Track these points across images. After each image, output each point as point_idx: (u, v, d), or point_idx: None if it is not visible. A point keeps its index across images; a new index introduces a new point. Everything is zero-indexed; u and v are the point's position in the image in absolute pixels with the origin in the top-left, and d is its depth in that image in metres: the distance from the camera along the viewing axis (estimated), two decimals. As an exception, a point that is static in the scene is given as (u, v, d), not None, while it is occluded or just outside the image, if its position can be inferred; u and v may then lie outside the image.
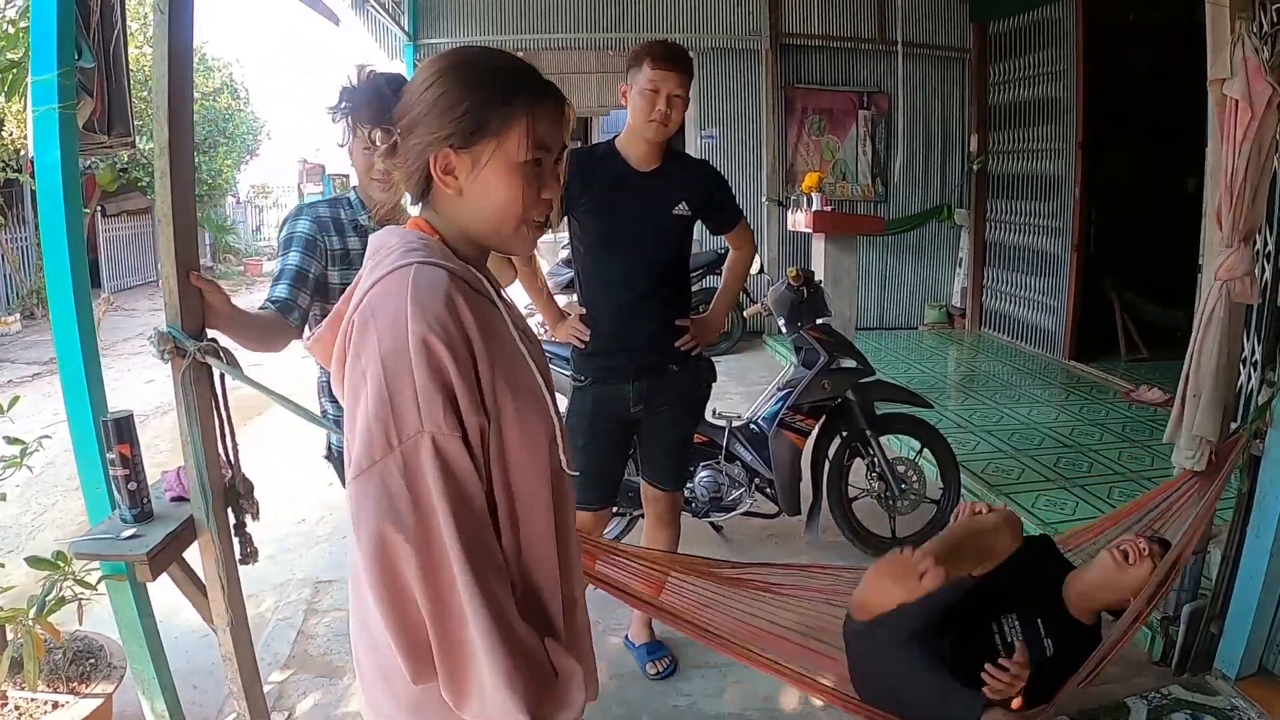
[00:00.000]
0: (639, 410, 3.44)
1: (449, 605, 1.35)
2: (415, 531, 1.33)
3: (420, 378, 1.33)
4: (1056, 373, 8.62)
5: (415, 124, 1.49)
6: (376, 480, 1.34)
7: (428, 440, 1.33)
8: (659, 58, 3.12)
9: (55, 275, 2.49)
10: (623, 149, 3.31)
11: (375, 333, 1.36)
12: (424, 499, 1.33)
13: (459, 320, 1.38)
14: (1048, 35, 9.13)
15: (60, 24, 2.46)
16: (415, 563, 1.33)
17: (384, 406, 1.34)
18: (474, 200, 1.51)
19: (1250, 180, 3.06)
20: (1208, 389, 3.24)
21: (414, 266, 1.41)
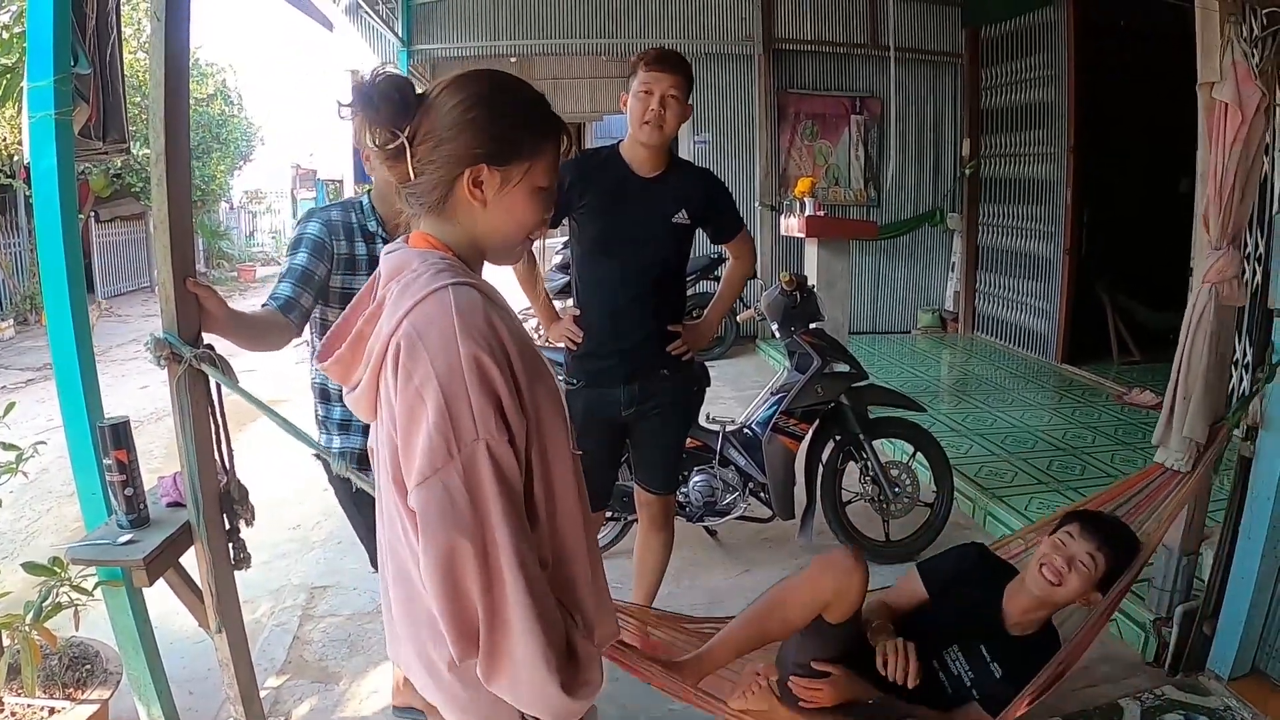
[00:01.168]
0: (630, 413, 3.45)
1: (498, 591, 1.48)
2: (474, 530, 1.46)
3: (474, 392, 1.45)
4: (1049, 376, 8.63)
5: (452, 135, 1.58)
6: (440, 486, 1.46)
7: (483, 447, 1.46)
8: (651, 60, 3.17)
9: (52, 282, 2.49)
10: (625, 154, 3.33)
11: (428, 354, 1.47)
12: (481, 499, 1.47)
13: (498, 335, 1.50)
14: (1039, 40, 9.16)
15: (56, 30, 2.47)
16: (474, 559, 1.46)
17: (444, 419, 1.45)
18: (495, 215, 1.64)
19: (1239, 183, 3.08)
20: (1198, 391, 3.26)
21: (450, 289, 1.51)
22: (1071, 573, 2.73)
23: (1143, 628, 3.78)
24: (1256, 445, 3.34)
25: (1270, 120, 3.09)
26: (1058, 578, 2.74)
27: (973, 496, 5.35)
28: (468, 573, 1.47)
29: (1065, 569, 2.74)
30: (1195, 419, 3.27)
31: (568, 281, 8.46)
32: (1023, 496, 5.27)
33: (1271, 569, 3.35)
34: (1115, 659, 3.78)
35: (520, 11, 10.25)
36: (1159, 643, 3.69)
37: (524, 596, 1.48)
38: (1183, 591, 3.65)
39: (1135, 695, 3.46)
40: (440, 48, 10.45)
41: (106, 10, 2.95)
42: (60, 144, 2.47)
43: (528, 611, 1.49)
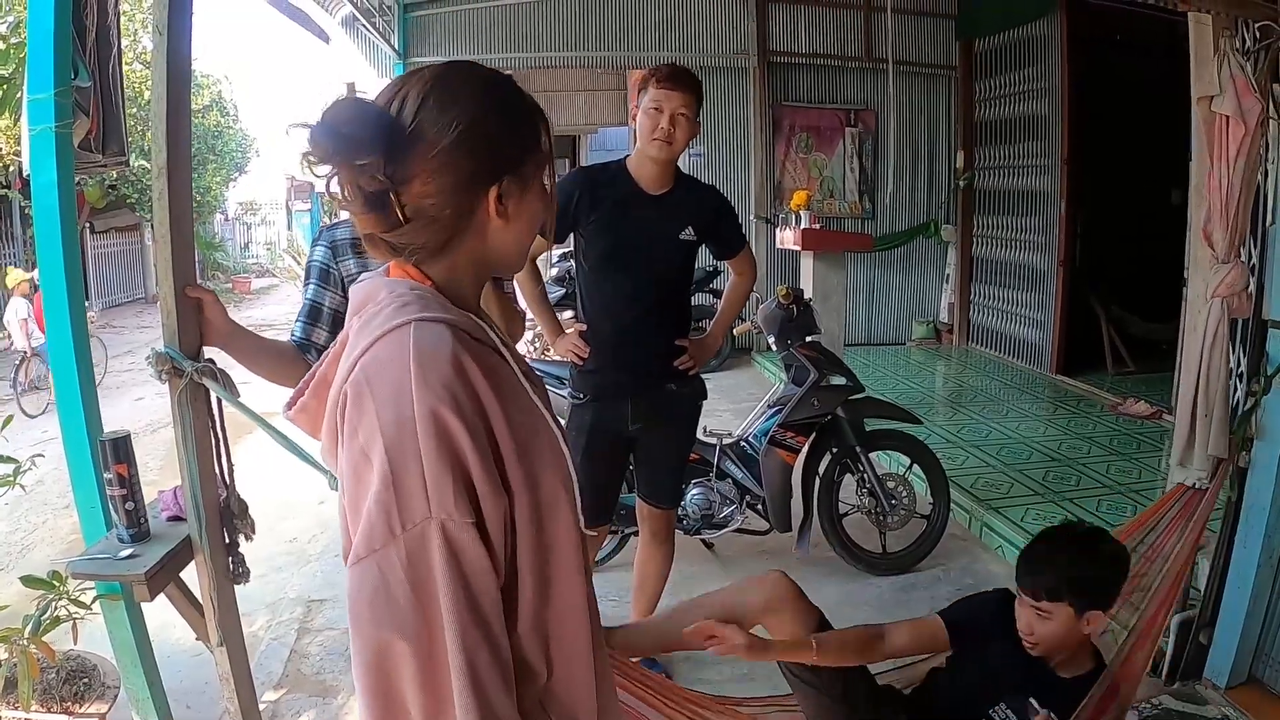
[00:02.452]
0: (637, 428, 3.45)
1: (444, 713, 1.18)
2: (415, 632, 1.17)
3: (429, 457, 1.16)
4: (1044, 387, 8.66)
5: (459, 159, 1.28)
6: (374, 571, 1.18)
7: (436, 528, 1.16)
8: (663, 78, 3.15)
9: (52, 295, 2.49)
10: (633, 170, 3.33)
11: (375, 406, 1.19)
12: (428, 594, 1.17)
13: (469, 384, 1.21)
14: (1032, 52, 9.20)
15: (57, 44, 2.47)
16: (414, 667, 1.18)
17: (387, 489, 1.17)
18: (516, 224, 1.37)
19: (1243, 195, 3.09)
20: (1218, 407, 3.26)
21: (412, 325, 1.22)
22: (1036, 632, 2.56)
23: (1140, 638, 3.79)
24: (1252, 456, 3.35)
25: (1264, 133, 3.10)
26: (1031, 637, 2.58)
27: (969, 508, 5.36)
28: (404, 681, 1.19)
29: (1029, 631, 2.58)
30: (1219, 435, 3.27)
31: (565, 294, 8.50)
32: (1019, 508, 5.28)
33: (1268, 578, 3.36)
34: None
35: (515, 24, 10.28)
36: (1156, 652, 3.68)
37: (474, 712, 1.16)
38: (1180, 601, 3.65)
39: (1132, 705, 3.46)
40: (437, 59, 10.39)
41: (107, 23, 2.95)
42: (60, 157, 2.47)
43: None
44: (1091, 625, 2.51)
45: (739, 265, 3.65)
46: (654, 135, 3.16)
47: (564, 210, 3.31)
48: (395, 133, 1.26)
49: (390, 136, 1.25)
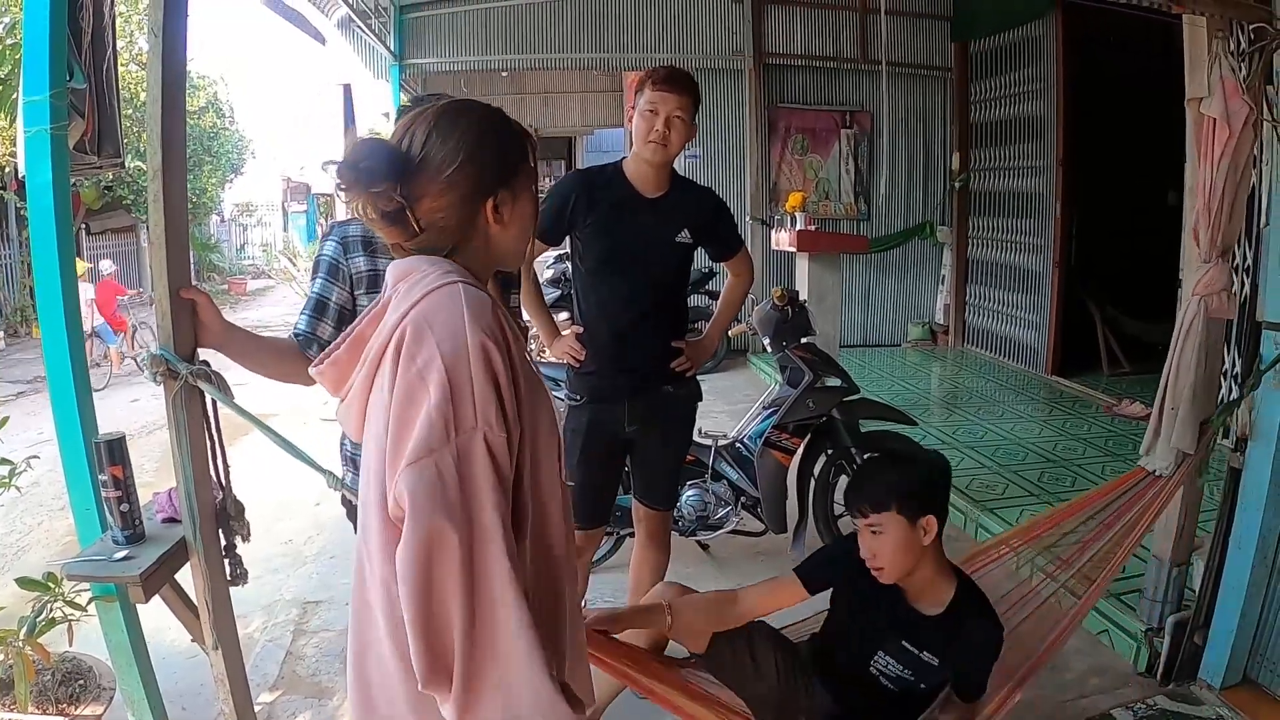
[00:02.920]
0: (633, 429, 3.45)
1: (484, 596, 1.43)
2: (462, 519, 1.42)
3: (478, 378, 1.45)
4: (1039, 388, 8.68)
5: (461, 176, 1.59)
6: (433, 469, 1.42)
7: (480, 436, 1.44)
8: (660, 80, 3.14)
9: (47, 297, 2.49)
10: (629, 172, 3.33)
11: (434, 338, 1.46)
12: (473, 490, 1.43)
13: (504, 333, 1.51)
14: (1028, 54, 9.22)
15: (53, 45, 2.47)
16: (459, 553, 1.41)
17: (446, 402, 1.43)
18: (514, 228, 1.69)
19: (1227, 196, 3.10)
20: (1185, 402, 3.28)
21: (460, 285, 1.53)
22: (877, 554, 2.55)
23: (1134, 638, 3.80)
24: (1245, 456, 3.35)
25: (1258, 134, 3.11)
26: (874, 561, 2.57)
27: (964, 509, 5.37)
28: (448, 565, 1.41)
29: (870, 555, 2.57)
30: (1183, 429, 3.29)
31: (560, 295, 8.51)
32: (1013, 508, 5.29)
33: (1262, 578, 3.37)
34: (1107, 670, 3.79)
35: (512, 26, 10.29)
36: (1151, 653, 3.70)
37: (516, 597, 1.43)
38: (1174, 602, 3.66)
39: (1128, 705, 3.47)
40: (432, 62, 10.47)
41: (102, 25, 2.96)
42: (56, 159, 2.46)
43: (520, 614, 1.43)
44: (929, 533, 2.52)
45: (736, 267, 3.65)
46: (649, 138, 3.15)
47: (560, 213, 3.31)
48: (405, 163, 1.58)
49: (400, 166, 1.58)
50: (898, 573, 2.56)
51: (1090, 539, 3.30)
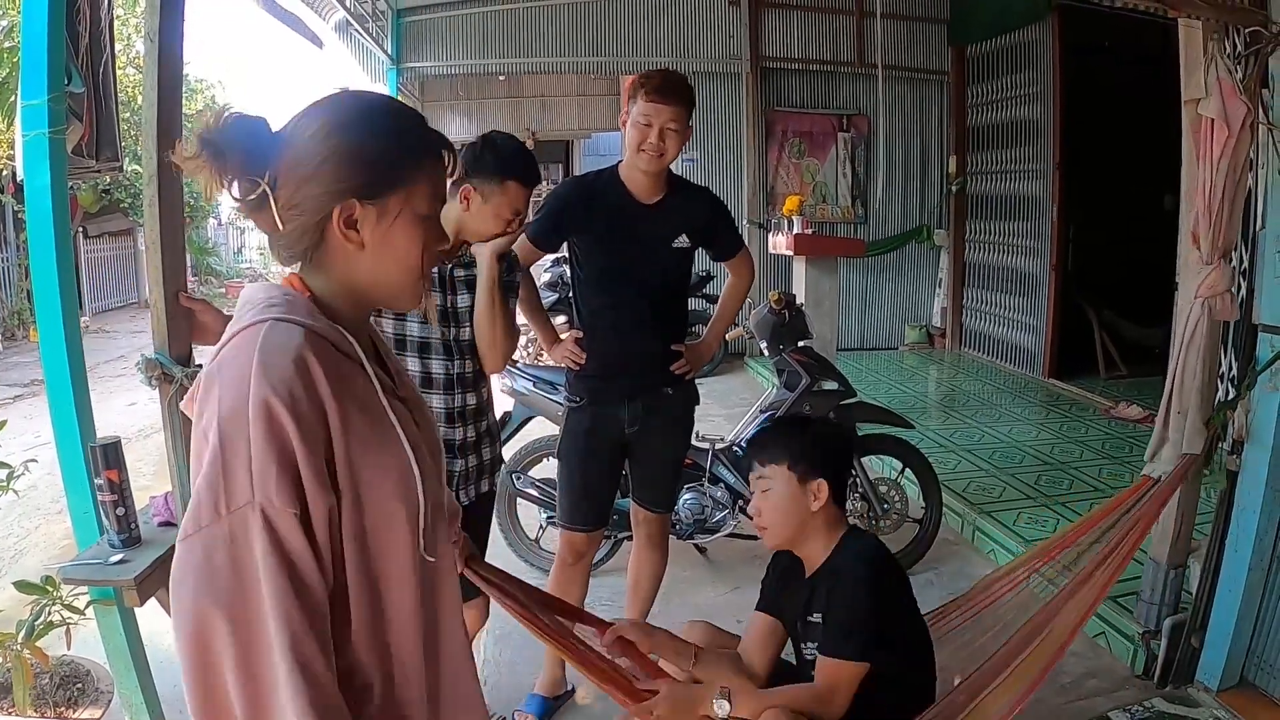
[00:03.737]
0: (633, 431, 3.45)
1: (263, 692, 1.21)
2: (236, 610, 1.21)
3: (257, 443, 1.22)
4: (1036, 391, 8.67)
5: (315, 175, 1.36)
6: (199, 550, 1.22)
7: (258, 513, 1.22)
8: (653, 90, 3.09)
9: (45, 300, 2.49)
10: (625, 178, 3.30)
11: (218, 391, 1.26)
12: (248, 576, 1.22)
13: (310, 383, 1.27)
14: (1025, 57, 9.23)
15: (51, 50, 2.48)
16: (231, 645, 1.20)
17: (216, 471, 1.22)
18: (376, 254, 1.42)
19: (1228, 197, 3.11)
20: (1193, 406, 3.29)
21: (268, 324, 1.30)
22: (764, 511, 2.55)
23: (1131, 640, 3.80)
24: (1242, 459, 3.36)
25: (1254, 136, 3.12)
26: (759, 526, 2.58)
27: (961, 512, 5.37)
28: (222, 658, 1.21)
29: (757, 513, 2.57)
30: (1192, 433, 3.30)
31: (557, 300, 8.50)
32: (1011, 511, 5.29)
33: (1258, 581, 3.37)
34: (1104, 672, 3.79)
35: (509, 30, 10.28)
36: (1148, 655, 3.70)
37: (304, 699, 1.20)
38: (1171, 604, 3.66)
39: (1124, 708, 3.47)
40: (429, 65, 10.48)
41: (100, 29, 2.96)
42: (54, 162, 2.47)
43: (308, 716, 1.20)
44: (818, 498, 2.49)
45: (737, 267, 3.64)
46: (641, 149, 3.13)
47: (557, 220, 3.33)
48: (270, 145, 1.38)
49: (265, 145, 1.37)
50: (781, 536, 2.56)
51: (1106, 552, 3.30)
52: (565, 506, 3.54)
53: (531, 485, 4.58)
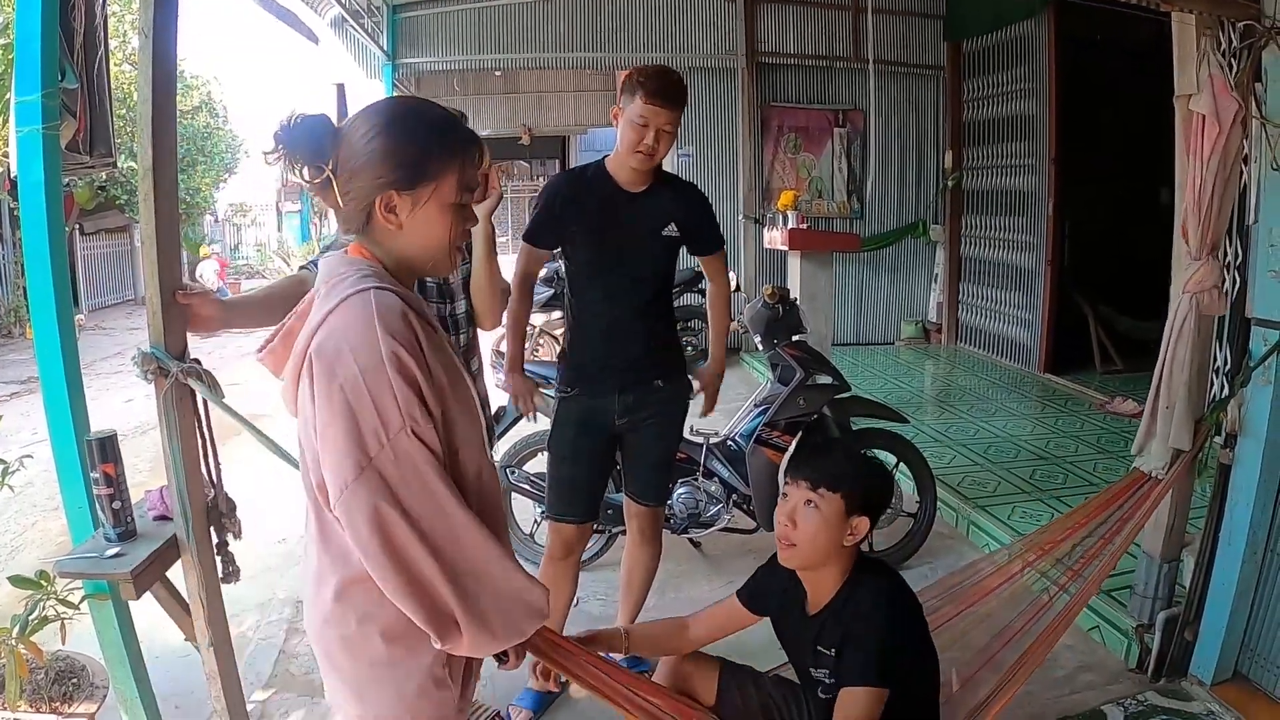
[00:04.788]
0: (624, 423, 3.46)
1: (460, 545, 1.63)
2: (419, 500, 1.60)
3: (397, 383, 1.57)
4: (1032, 386, 8.69)
5: (362, 169, 1.69)
6: (375, 475, 1.58)
7: (409, 432, 1.59)
8: (652, 93, 3.10)
9: (39, 296, 2.49)
10: (613, 170, 3.33)
11: (351, 352, 1.59)
12: (419, 480, 1.60)
13: (416, 335, 1.64)
14: (1020, 52, 9.24)
15: (44, 46, 2.48)
16: (420, 526, 1.59)
17: (369, 411, 1.57)
18: (411, 234, 1.74)
19: (1216, 193, 3.12)
20: (1180, 400, 3.30)
21: (372, 291, 1.64)
22: (798, 528, 2.47)
23: (1125, 634, 3.81)
24: (1235, 452, 3.37)
25: (1247, 131, 3.13)
26: (787, 540, 2.50)
27: (956, 506, 5.38)
28: (410, 541, 1.59)
29: (790, 526, 2.49)
30: (1180, 427, 3.31)
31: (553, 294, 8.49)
32: (1006, 506, 5.30)
33: (1252, 574, 3.38)
34: (1098, 666, 3.80)
35: (505, 25, 10.27)
36: (1141, 649, 3.71)
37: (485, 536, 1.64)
38: (1164, 598, 3.67)
39: (1118, 701, 3.48)
40: (425, 61, 10.46)
41: (94, 25, 2.96)
42: (48, 158, 2.47)
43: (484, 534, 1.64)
44: (855, 534, 2.45)
45: (714, 266, 3.67)
46: (638, 149, 3.16)
47: (550, 217, 3.35)
48: (333, 138, 1.72)
49: (326, 140, 1.71)
50: (808, 556, 2.50)
51: (1098, 548, 3.32)
52: (554, 498, 3.57)
53: (526, 480, 4.59)
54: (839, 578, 2.52)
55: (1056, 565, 3.36)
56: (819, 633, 2.52)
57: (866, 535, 2.49)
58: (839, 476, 2.46)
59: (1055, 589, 3.29)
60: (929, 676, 2.58)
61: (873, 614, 2.42)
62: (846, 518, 2.44)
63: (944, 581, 3.47)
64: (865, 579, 2.52)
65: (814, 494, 2.46)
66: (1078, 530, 3.41)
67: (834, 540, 2.45)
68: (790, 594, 2.63)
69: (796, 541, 2.48)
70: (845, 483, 2.45)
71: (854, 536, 2.46)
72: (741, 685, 2.78)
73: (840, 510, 2.44)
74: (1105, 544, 3.32)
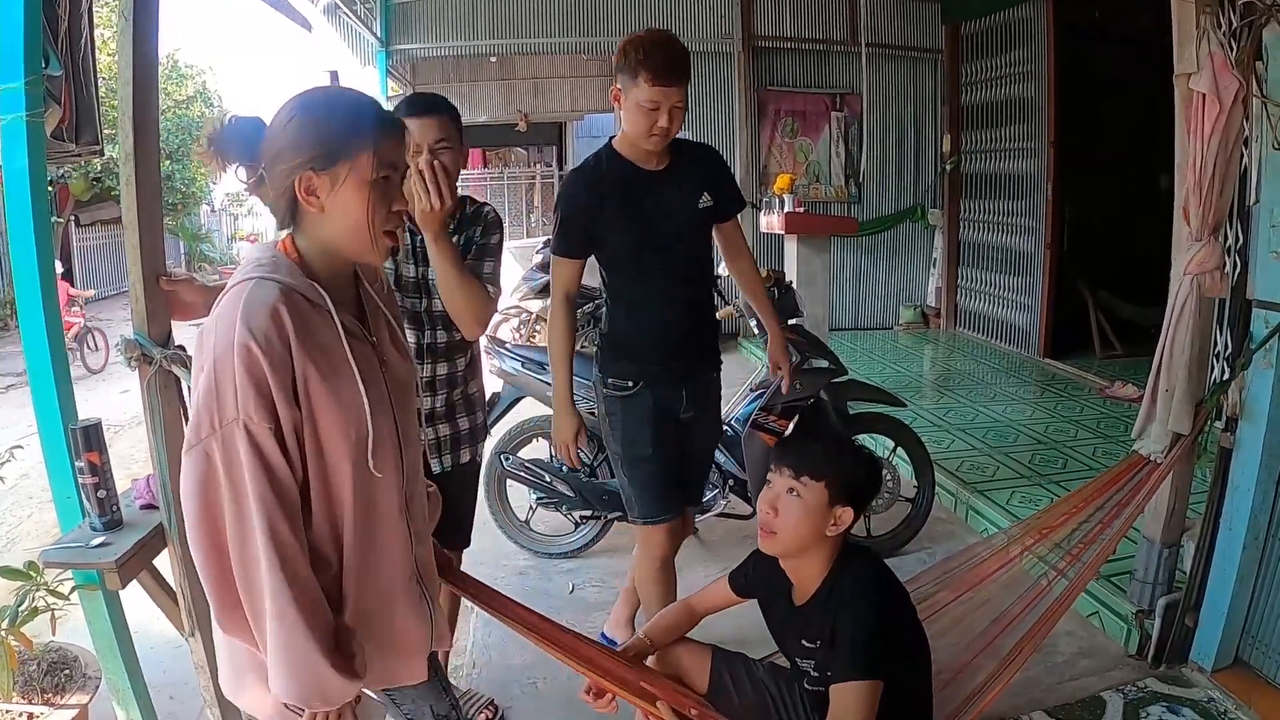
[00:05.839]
0: (689, 415, 3.31)
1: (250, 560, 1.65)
2: (229, 496, 1.65)
3: (240, 375, 1.61)
4: (1031, 370, 8.67)
5: (280, 154, 1.73)
6: (201, 454, 1.65)
7: (241, 426, 1.62)
8: (658, 74, 2.88)
9: (24, 285, 2.47)
10: (626, 153, 3.14)
11: (214, 335, 1.66)
12: (236, 474, 1.64)
13: (281, 329, 1.64)
14: (1019, 35, 9.19)
15: (27, 32, 2.44)
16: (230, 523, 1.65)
17: (211, 394, 1.64)
18: (334, 215, 1.76)
19: (1218, 173, 3.09)
20: (1180, 383, 3.27)
21: (253, 282, 1.69)
22: (779, 515, 2.44)
23: (1125, 620, 3.79)
24: (1236, 436, 3.34)
25: (1247, 111, 3.10)
26: (768, 528, 2.46)
27: (954, 491, 5.36)
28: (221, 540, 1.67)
29: (771, 513, 2.45)
30: (1180, 411, 3.28)
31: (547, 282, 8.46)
32: (1004, 491, 5.29)
33: (1253, 560, 3.36)
34: (1098, 652, 3.78)
35: (499, 11, 10.24)
36: (1141, 635, 3.69)
37: (277, 569, 1.63)
38: (1165, 583, 3.65)
39: (1118, 688, 3.47)
40: (419, 47, 10.44)
41: (79, 11, 2.93)
42: (32, 146, 2.44)
43: (281, 583, 1.64)
44: (839, 524, 2.42)
45: (737, 233, 3.48)
46: (652, 134, 2.97)
47: (576, 221, 3.15)
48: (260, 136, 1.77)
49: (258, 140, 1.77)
50: (788, 544, 2.47)
51: (1096, 532, 3.30)
52: (646, 501, 3.31)
53: (521, 467, 4.56)
54: (823, 568, 2.49)
55: (1054, 549, 3.34)
56: (804, 625, 2.50)
57: (850, 526, 2.46)
58: (822, 465, 2.43)
59: (1054, 573, 3.27)
60: (919, 667, 2.55)
61: (857, 604, 2.40)
62: (829, 507, 2.41)
63: (941, 566, 3.46)
64: (849, 569, 2.49)
65: (796, 482, 2.43)
66: (1076, 514, 3.39)
67: (816, 530, 2.42)
68: (777, 584, 2.61)
69: (777, 529, 2.45)
70: (829, 472, 2.42)
71: (837, 527, 2.43)
72: (734, 672, 2.77)
73: (823, 500, 2.40)
74: (1104, 528, 3.31)
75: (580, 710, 3.24)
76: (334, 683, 1.71)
